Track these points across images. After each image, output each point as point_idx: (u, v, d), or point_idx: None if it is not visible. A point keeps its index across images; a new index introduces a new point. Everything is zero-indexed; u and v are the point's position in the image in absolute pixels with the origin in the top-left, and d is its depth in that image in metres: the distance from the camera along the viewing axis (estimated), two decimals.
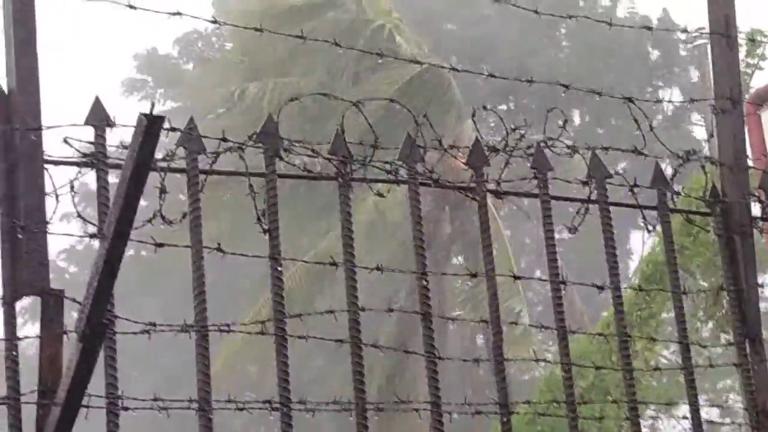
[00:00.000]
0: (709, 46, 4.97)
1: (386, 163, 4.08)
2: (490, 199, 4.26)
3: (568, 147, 4.43)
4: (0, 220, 3.40)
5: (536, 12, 5.38)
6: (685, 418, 4.45)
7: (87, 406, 3.35)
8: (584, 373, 13.34)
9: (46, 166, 3.46)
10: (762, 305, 4.81)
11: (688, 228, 5.07)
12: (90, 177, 3.63)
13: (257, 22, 4.47)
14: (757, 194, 4.72)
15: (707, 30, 4.85)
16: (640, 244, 33.84)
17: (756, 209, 4.73)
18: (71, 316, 3.28)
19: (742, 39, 4.98)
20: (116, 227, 3.08)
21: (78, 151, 3.49)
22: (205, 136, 3.72)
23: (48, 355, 3.33)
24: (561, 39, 35.64)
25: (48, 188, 3.49)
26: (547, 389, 13.89)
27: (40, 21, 3.53)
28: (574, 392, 4.15)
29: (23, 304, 3.39)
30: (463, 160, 4.22)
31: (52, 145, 3.51)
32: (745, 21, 4.90)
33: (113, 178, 3.42)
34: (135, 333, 3.52)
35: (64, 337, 3.37)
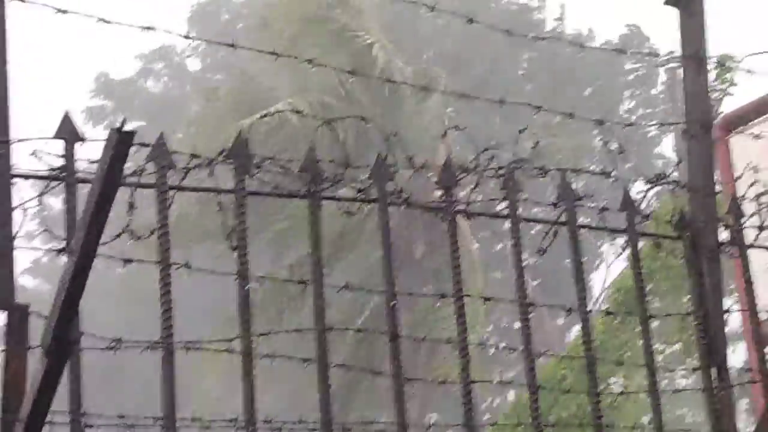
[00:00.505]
0: (681, 71, 4.99)
1: (357, 181, 4.07)
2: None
3: (538, 168, 4.44)
4: None
5: (507, 32, 5.40)
6: None
7: (51, 423, 3.32)
8: (565, 403, 13.34)
9: (13, 179, 3.43)
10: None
11: (655, 252, 5.08)
12: (52, 198, 3.60)
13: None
14: (725, 219, 4.74)
15: (679, 54, 4.87)
16: (603, 272, 33.95)
17: (724, 234, 4.74)
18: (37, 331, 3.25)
19: (712, 63, 5.01)
20: (84, 242, 3.06)
21: (47, 164, 3.46)
22: (174, 152, 3.70)
23: (12, 370, 3.30)
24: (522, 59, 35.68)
25: (15, 201, 3.46)
26: (513, 413, 13.89)
27: (11, 32, 3.50)
28: (540, 415, 4.15)
29: None
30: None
31: (18, 158, 3.49)
32: (714, 46, 4.93)
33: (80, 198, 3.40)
34: (102, 349, 3.49)
35: (29, 352, 3.34)
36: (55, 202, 3.88)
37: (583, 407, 13.31)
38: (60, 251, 3.44)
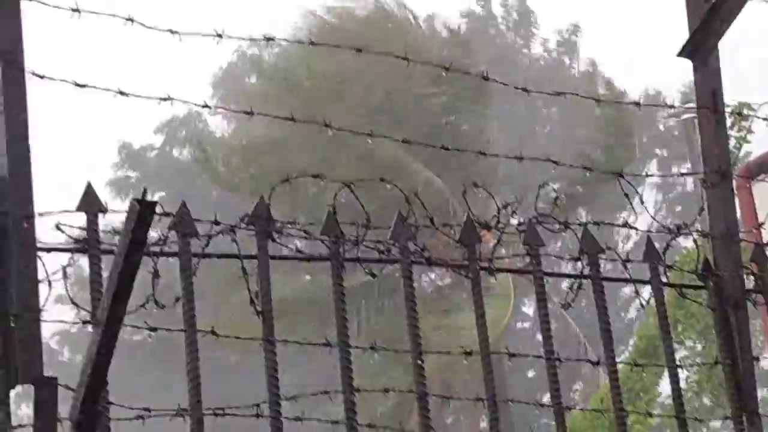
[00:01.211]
0: (696, 121, 5.00)
1: (378, 242, 4.08)
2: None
3: (559, 222, 4.44)
4: None
5: (525, 90, 5.41)
6: None
7: None
8: None
9: (39, 253, 3.45)
10: None
11: (680, 300, 5.10)
12: (84, 260, 3.63)
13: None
14: (749, 267, 4.72)
15: (694, 104, 4.88)
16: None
17: (749, 282, 4.72)
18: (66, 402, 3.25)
19: (728, 110, 5.01)
20: (109, 313, 3.07)
21: (70, 237, 3.48)
22: (197, 220, 3.72)
23: None
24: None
25: (41, 274, 3.48)
26: None
27: (33, 108, 3.55)
28: None
29: (17, 389, 3.37)
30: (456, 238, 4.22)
31: (43, 230, 3.51)
32: (730, 93, 4.93)
33: (106, 263, 3.42)
34: (130, 419, 3.50)
35: (59, 425, 3.34)
36: (86, 263, 3.91)
37: None
38: (86, 322, 3.46)
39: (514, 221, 4.33)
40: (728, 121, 4.91)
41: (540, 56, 38.37)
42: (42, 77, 3.53)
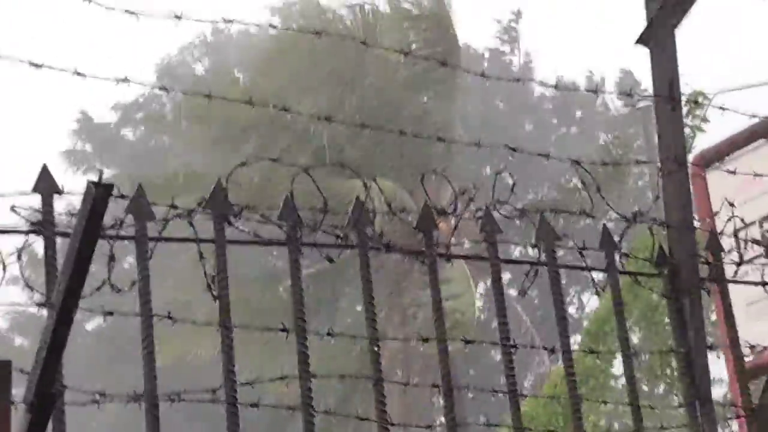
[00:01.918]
0: (653, 109, 5.01)
1: (336, 227, 4.07)
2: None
3: (517, 210, 4.45)
4: None
5: (483, 75, 5.42)
6: None
7: None
8: None
9: None
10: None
11: (635, 289, 5.12)
12: (38, 243, 3.60)
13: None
14: (704, 255, 4.75)
15: (651, 92, 4.90)
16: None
17: (704, 270, 4.75)
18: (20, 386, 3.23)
19: (684, 100, 5.04)
20: (65, 296, 3.04)
21: (26, 219, 3.45)
22: (153, 203, 3.70)
23: None
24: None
25: None
26: None
27: None
28: None
29: None
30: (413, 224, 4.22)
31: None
32: (686, 82, 4.96)
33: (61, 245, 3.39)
34: (84, 404, 3.47)
35: (12, 408, 3.31)
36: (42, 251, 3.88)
37: None
38: (41, 305, 3.43)
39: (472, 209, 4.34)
40: (684, 110, 4.93)
41: (480, 51, 37.95)
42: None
